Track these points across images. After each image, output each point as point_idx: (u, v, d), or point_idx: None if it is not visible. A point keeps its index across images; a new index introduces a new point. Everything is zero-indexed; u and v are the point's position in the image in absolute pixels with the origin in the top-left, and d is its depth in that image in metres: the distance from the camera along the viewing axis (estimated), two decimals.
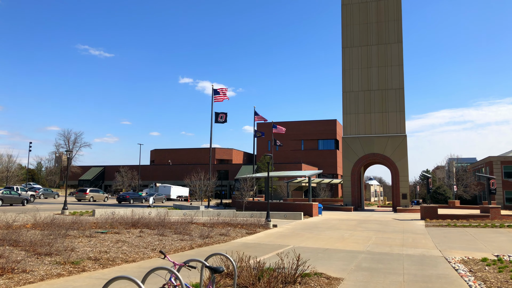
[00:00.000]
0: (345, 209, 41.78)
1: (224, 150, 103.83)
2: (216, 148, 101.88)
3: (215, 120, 40.41)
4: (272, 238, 18.40)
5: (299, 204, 33.87)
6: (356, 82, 45.44)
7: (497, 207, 30.87)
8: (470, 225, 25.49)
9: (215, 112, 40.47)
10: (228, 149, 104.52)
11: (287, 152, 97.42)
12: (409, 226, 25.44)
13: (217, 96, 40.12)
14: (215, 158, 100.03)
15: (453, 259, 13.36)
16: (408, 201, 42.68)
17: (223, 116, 39.49)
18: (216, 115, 40.41)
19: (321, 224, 26.01)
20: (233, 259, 8.64)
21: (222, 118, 39.43)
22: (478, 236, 19.99)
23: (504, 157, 61.57)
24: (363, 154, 44.32)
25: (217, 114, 40.24)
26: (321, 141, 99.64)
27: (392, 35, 44.62)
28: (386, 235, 20.14)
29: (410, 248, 15.80)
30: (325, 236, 19.53)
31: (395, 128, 43.67)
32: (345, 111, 45.68)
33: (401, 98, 43.79)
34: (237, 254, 8.91)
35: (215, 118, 40.56)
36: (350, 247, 15.87)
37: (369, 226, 24.79)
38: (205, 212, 28.93)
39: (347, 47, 46.16)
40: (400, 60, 44.15)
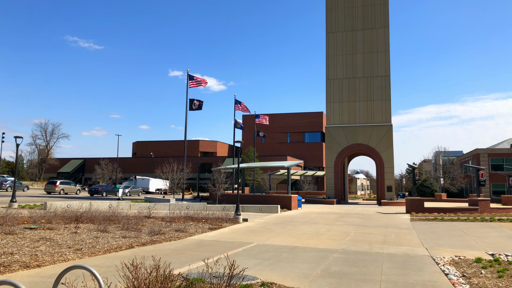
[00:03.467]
0: (327, 202, 39.70)
1: (208, 143, 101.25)
2: (200, 140, 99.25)
3: (190, 107, 37.87)
4: (236, 234, 16.10)
5: (277, 196, 31.65)
6: (340, 69, 43.22)
7: (486, 199, 29.03)
8: (459, 218, 23.54)
9: (189, 99, 37.92)
10: (212, 141, 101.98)
11: (273, 145, 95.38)
12: (393, 220, 23.37)
13: (192, 82, 37.52)
14: (199, 150, 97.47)
15: (442, 259, 11.20)
16: (393, 194, 40.77)
17: (196, 103, 36.92)
18: (191, 102, 37.84)
19: (297, 218, 23.80)
20: (147, 268, 6.26)
21: (195, 105, 36.87)
22: (468, 231, 17.96)
23: (491, 149, 60.26)
24: (347, 144, 42.22)
25: (192, 100, 37.67)
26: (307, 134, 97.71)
27: (378, 20, 42.42)
28: (367, 230, 17.99)
29: (393, 246, 13.63)
30: (298, 231, 17.29)
31: (380, 117, 41.62)
32: (328, 99, 43.47)
33: (387, 86, 41.72)
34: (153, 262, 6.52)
35: (190, 105, 38.01)
36: (323, 245, 13.64)
37: (349, 220, 22.64)
38: (173, 205, 26.54)
39: (331, 32, 43.85)
40: (387, 46, 42.01)
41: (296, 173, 61.85)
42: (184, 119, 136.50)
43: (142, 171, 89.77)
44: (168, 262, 7.53)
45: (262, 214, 25.73)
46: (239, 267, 8.63)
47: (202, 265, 8.70)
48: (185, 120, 37.37)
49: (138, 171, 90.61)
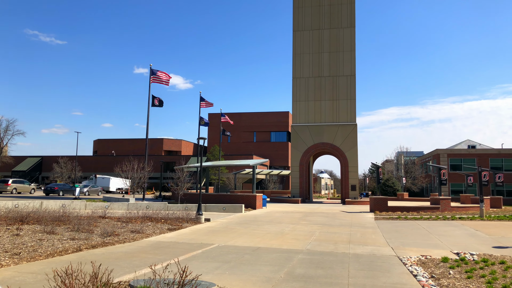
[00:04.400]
0: (292, 201, 39.40)
1: (172, 141, 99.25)
2: (164, 139, 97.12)
3: (151, 104, 36.54)
4: (197, 235, 15.26)
5: (241, 196, 30.94)
6: (307, 67, 43.04)
7: (447, 198, 29.52)
8: (422, 217, 23.66)
9: (152, 95, 36.56)
10: (177, 140, 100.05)
11: (239, 144, 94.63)
12: (358, 219, 23.19)
13: (155, 77, 36.19)
14: (162, 149, 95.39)
15: (409, 259, 10.84)
16: (357, 193, 41.00)
17: (156, 101, 35.71)
18: (153, 98, 36.53)
19: (262, 217, 23.19)
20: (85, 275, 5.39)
21: (157, 102, 35.64)
22: (431, 229, 17.91)
23: (450, 149, 62.07)
24: (313, 143, 42.10)
25: (154, 97, 36.37)
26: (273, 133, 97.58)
27: (344, 19, 42.54)
28: (332, 230, 17.59)
29: (358, 246, 13.22)
30: (262, 231, 16.64)
31: (345, 116, 41.75)
32: (295, 98, 43.20)
33: (352, 86, 41.91)
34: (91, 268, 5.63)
35: (152, 102, 36.70)
36: (287, 245, 13.05)
37: (314, 219, 22.25)
38: (132, 205, 25.30)
39: (298, 30, 43.61)
40: (352, 45, 42.20)
41: (262, 172, 61.44)
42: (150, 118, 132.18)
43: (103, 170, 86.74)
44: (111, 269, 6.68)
45: (225, 213, 24.95)
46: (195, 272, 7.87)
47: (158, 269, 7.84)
48: (147, 116, 36.03)
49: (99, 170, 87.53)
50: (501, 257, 11.22)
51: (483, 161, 55.16)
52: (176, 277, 5.45)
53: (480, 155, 57.81)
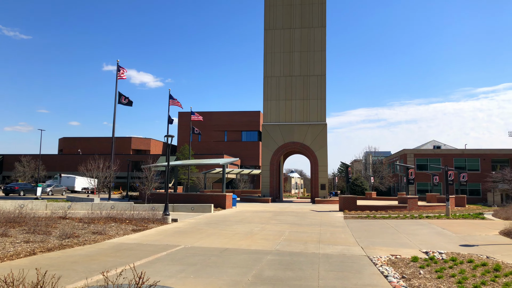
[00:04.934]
0: (262, 201, 39.15)
1: (141, 140, 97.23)
2: (132, 137, 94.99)
3: (118, 101, 35.40)
4: (163, 236, 14.68)
5: (211, 195, 30.39)
6: (278, 66, 42.88)
7: (415, 197, 30.00)
8: (390, 216, 23.85)
9: (119, 92, 35.42)
10: (145, 138, 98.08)
11: (210, 143, 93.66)
12: (328, 218, 23.13)
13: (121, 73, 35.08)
14: (131, 148, 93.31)
15: (379, 259, 10.69)
16: (327, 192, 41.20)
17: (126, 98, 34.67)
18: (120, 96, 35.40)
19: (231, 217, 22.76)
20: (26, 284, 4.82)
21: (126, 100, 34.59)
22: (400, 228, 17.99)
23: (417, 150, 63.50)
24: (283, 142, 41.99)
25: (121, 94, 35.26)
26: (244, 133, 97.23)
27: (315, 19, 42.64)
28: (301, 229, 17.37)
29: (328, 245, 13.01)
30: (231, 231, 16.22)
31: (315, 116, 41.87)
32: (266, 97, 42.96)
33: (323, 85, 42.06)
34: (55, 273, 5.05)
35: (119, 99, 35.56)
36: (256, 246, 12.69)
37: (284, 219, 22.02)
38: (96, 205, 24.29)
39: (269, 29, 43.39)
40: (323, 45, 42.35)
41: (232, 171, 60.95)
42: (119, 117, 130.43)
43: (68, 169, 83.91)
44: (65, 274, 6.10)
45: (194, 213, 24.37)
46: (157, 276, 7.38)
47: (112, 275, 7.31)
48: (113, 113, 34.88)
49: (65, 169, 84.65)
50: (468, 256, 11.25)
51: (447, 161, 56.69)
52: (132, 284, 4.97)
53: (445, 155, 59.41)
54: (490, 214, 25.85)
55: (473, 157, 58.37)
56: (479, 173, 56.48)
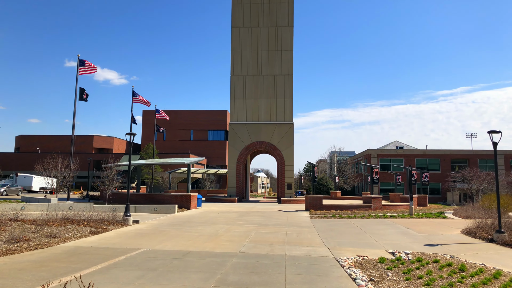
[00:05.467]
0: (228, 201, 38.65)
1: (103, 139, 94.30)
2: (94, 136, 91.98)
3: (79, 97, 33.99)
4: (122, 238, 13.95)
5: (175, 195, 29.60)
6: (245, 65, 42.49)
7: (379, 197, 30.39)
8: (355, 216, 23.96)
9: (80, 88, 34.00)
10: (108, 137, 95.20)
11: (175, 143, 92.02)
12: (294, 218, 22.95)
13: (82, 68, 33.68)
14: (93, 146, 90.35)
15: (346, 260, 10.49)
16: (293, 192, 41.23)
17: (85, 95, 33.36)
18: (81, 92, 33.99)
19: (196, 218, 22.16)
20: None
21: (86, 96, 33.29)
22: (365, 228, 18.00)
23: (380, 150, 64.83)
24: (250, 142, 41.66)
25: (82, 90, 33.86)
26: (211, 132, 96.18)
27: (283, 18, 42.55)
28: (268, 230, 17.05)
29: (295, 247, 12.73)
30: (195, 233, 15.68)
31: (282, 116, 41.79)
32: (233, 96, 42.48)
33: (290, 85, 42.05)
34: None
35: (80, 95, 34.15)
36: (221, 248, 12.23)
37: (250, 219, 21.64)
38: (53, 206, 23.06)
39: (237, 27, 42.93)
40: (290, 45, 42.33)
41: (198, 171, 60.09)
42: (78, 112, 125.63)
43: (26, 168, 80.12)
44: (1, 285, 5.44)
45: (157, 214, 23.58)
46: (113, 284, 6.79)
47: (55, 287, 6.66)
48: (73, 110, 33.42)
49: (22, 168, 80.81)
50: (433, 256, 11.25)
51: (410, 161, 58.17)
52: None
53: (407, 155, 60.94)
54: (451, 213, 26.50)
55: (434, 158, 60.19)
56: (440, 173, 58.30)
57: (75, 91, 33.53)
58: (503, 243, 13.58)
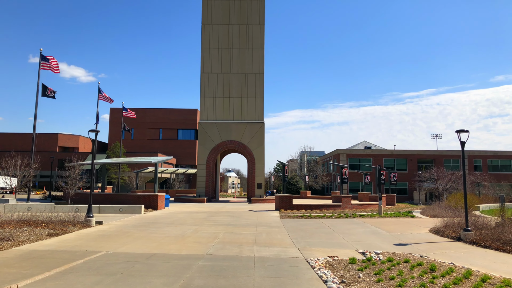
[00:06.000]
0: (197, 201, 37.96)
1: (68, 137, 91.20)
2: (59, 134, 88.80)
3: (42, 93, 32.47)
4: (83, 241, 13.19)
5: (141, 195, 28.71)
6: (216, 63, 41.89)
7: (348, 196, 30.52)
8: (325, 215, 23.89)
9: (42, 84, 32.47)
10: (74, 135, 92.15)
11: (144, 142, 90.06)
12: (264, 217, 22.63)
13: (44, 63, 32.18)
14: (57, 145, 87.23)
15: (317, 261, 10.20)
16: (263, 191, 40.97)
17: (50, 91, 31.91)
18: (44, 88, 32.49)
19: (163, 218, 21.46)
20: None
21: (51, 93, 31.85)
22: (335, 228, 17.87)
23: (349, 150, 65.58)
24: (220, 141, 41.09)
25: (45, 87, 32.38)
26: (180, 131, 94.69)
27: (254, 16, 42.22)
28: (237, 230, 16.63)
29: (264, 247, 12.37)
30: (161, 234, 15.06)
31: (253, 114, 41.46)
32: (203, 93, 41.77)
33: (261, 84, 41.77)
34: None
35: (44, 91, 32.64)
36: (188, 250, 11.71)
37: (219, 219, 21.15)
38: (10, 207, 21.78)
39: (207, 24, 42.25)
40: (262, 43, 42.06)
41: (167, 170, 58.98)
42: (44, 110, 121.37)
43: None
44: None
45: (122, 215, 22.72)
46: None
47: None
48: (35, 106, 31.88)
49: None
50: (404, 255, 11.15)
51: (378, 161, 59.09)
52: None
53: (376, 155, 61.92)
54: (418, 212, 26.89)
55: (401, 158, 61.39)
56: (407, 173, 59.52)
57: (37, 87, 32.02)
58: (470, 241, 13.69)
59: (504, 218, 15.35)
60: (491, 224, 15.12)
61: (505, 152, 61.21)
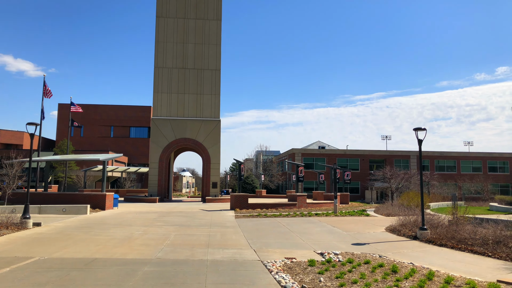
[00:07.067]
0: (149, 200, 36.40)
1: (12, 133, 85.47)
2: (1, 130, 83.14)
3: None
4: (15, 245, 11.80)
5: (88, 195, 26.93)
6: (170, 57, 40.42)
7: (304, 195, 30.36)
8: (281, 214, 23.43)
9: None
10: (18, 132, 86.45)
11: (94, 139, 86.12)
12: (218, 217, 21.79)
13: None
14: None
15: (274, 264, 9.55)
16: (218, 191, 40.03)
17: None
18: None
19: (110, 219, 20.08)
20: None
21: None
22: (292, 227, 17.37)
23: (304, 149, 66.03)
24: (174, 138, 39.69)
25: None
26: (133, 129, 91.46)
27: (211, 11, 41.17)
28: (189, 231, 15.70)
29: (218, 249, 11.57)
30: (106, 236, 13.87)
31: (209, 112, 40.41)
32: (156, 89, 40.19)
33: (217, 81, 40.78)
34: None
35: None
36: (134, 254, 10.69)
37: (171, 220, 20.08)
38: None
39: (162, 16, 40.69)
40: (218, 39, 41.08)
41: (117, 169, 56.56)
42: None
43: None
44: None
45: (65, 215, 21.07)
46: None
47: None
48: None
49: None
50: (363, 256, 10.76)
51: (332, 160, 59.80)
52: None
53: (329, 155, 62.70)
54: (372, 211, 27.08)
55: (354, 157, 62.53)
56: (359, 172, 60.68)
57: None
58: (426, 240, 13.60)
59: (457, 216, 15.48)
60: (445, 223, 15.19)
61: (450, 152, 64.00)
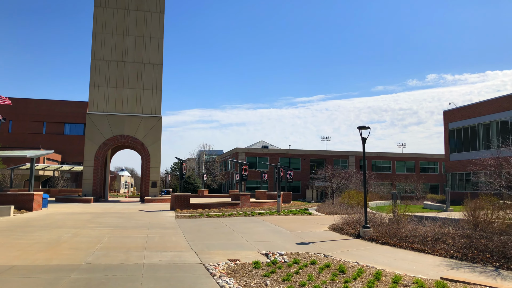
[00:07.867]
0: (83, 201, 34.19)
1: None
2: None
3: None
4: None
5: (12, 195, 24.60)
6: (109, 49, 38.30)
7: (247, 194, 29.97)
8: (223, 214, 22.83)
9: None
10: None
11: (25, 135, 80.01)
12: (157, 218, 20.72)
13: None
14: None
15: (217, 267, 8.93)
16: (158, 190, 38.58)
17: None
18: None
19: (37, 221, 18.35)
20: None
21: None
22: (235, 227, 16.83)
23: (248, 149, 65.93)
24: (112, 135, 37.65)
25: None
26: (68, 125, 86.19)
27: (153, 3, 39.57)
28: (125, 233, 14.62)
29: (156, 252, 10.73)
30: (30, 240, 12.48)
31: (150, 108, 38.81)
32: (93, 82, 37.90)
33: (159, 76, 39.31)
34: None
35: None
36: (60, 259, 9.58)
37: (105, 221, 18.74)
38: None
39: (100, 6, 38.45)
40: (161, 32, 39.61)
41: (49, 167, 53.00)
42: None
43: None
44: None
45: None
46: None
47: None
48: None
49: None
50: (309, 256, 10.46)
51: (274, 160, 60.19)
52: None
53: (272, 154, 63.09)
54: (314, 210, 27.27)
55: (296, 157, 63.43)
56: (300, 172, 61.62)
57: None
58: (369, 238, 13.65)
59: (397, 214, 15.77)
60: (386, 221, 15.40)
61: (386, 153, 66.89)
